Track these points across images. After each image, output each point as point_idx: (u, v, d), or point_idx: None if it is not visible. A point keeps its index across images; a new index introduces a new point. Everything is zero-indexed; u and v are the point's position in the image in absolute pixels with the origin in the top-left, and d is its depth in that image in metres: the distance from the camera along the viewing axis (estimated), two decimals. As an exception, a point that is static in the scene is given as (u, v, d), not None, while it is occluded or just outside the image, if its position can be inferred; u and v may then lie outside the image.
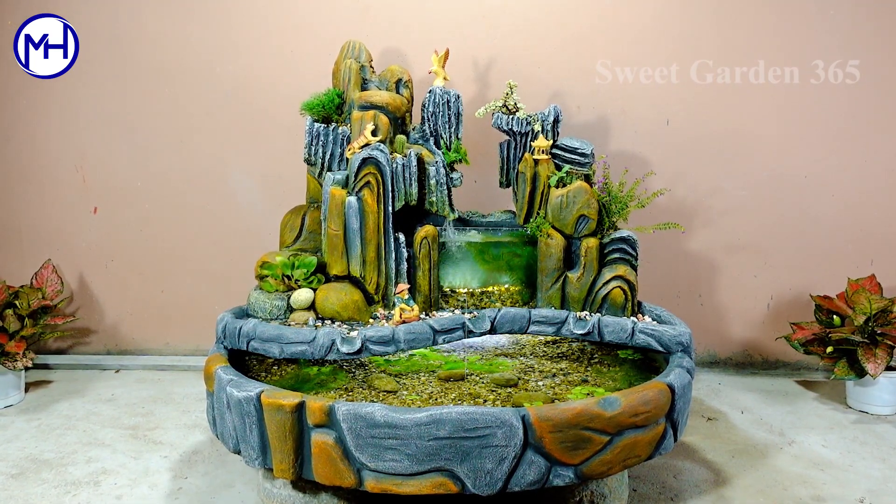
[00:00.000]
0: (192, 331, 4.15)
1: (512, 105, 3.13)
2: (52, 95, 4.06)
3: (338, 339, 2.54)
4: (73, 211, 4.17)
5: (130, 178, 4.12)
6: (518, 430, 2.05)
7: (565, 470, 2.12)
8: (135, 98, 4.06)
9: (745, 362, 4.04)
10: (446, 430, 2.03)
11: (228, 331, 2.69)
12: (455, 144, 3.13)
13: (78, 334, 4.26)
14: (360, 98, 3.04)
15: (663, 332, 2.67)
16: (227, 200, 4.10)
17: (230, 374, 2.37)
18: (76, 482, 2.78)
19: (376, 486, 2.10)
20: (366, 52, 3.26)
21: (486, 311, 2.89)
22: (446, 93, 3.11)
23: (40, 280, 3.94)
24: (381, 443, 2.06)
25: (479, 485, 2.07)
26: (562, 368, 2.80)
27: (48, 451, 3.05)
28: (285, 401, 2.16)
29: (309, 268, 2.86)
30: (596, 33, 3.86)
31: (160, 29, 3.99)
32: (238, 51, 3.98)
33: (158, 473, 2.86)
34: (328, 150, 3.05)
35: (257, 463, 2.27)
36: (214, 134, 4.06)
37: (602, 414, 2.12)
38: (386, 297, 2.92)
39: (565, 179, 3.01)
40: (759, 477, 2.80)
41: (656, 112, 3.87)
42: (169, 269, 4.17)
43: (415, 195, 2.96)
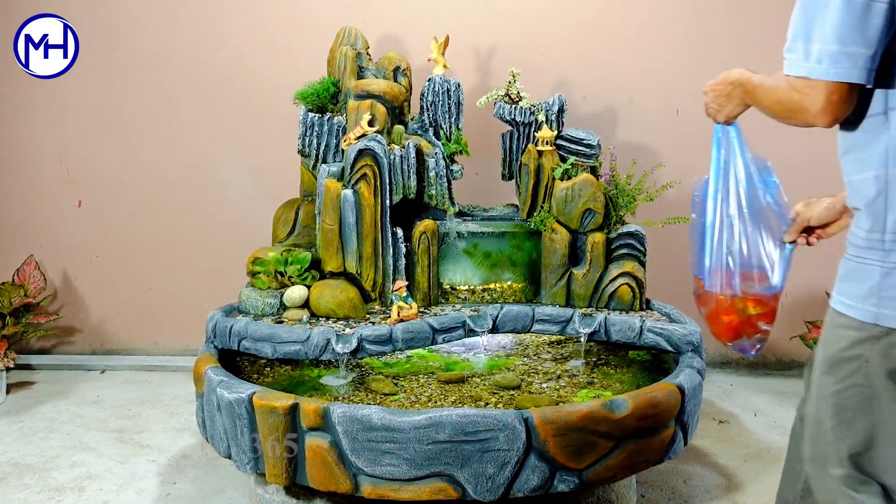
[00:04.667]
0: (181, 330, 4.14)
1: (515, 94, 3.12)
2: (38, 87, 4.05)
3: (333, 338, 2.54)
4: (56, 205, 4.16)
5: (117, 171, 4.12)
6: (521, 434, 2.05)
7: (570, 475, 2.12)
8: (121, 87, 4.05)
9: (757, 362, 4.04)
10: (446, 433, 2.03)
11: (219, 330, 2.68)
12: (455, 135, 3.13)
13: (62, 333, 4.26)
14: (356, 87, 3.03)
15: (673, 331, 2.66)
16: (218, 194, 4.09)
17: (221, 375, 2.37)
18: (60, 487, 2.78)
19: (373, 492, 2.10)
20: (362, 39, 3.25)
21: (488, 309, 2.88)
22: (446, 81, 3.11)
23: (22, 277, 3.93)
24: (379, 447, 2.06)
25: (480, 490, 2.06)
26: (567, 370, 2.80)
27: (31, 456, 3.04)
28: (278, 403, 2.15)
29: (303, 264, 2.85)
30: (602, 19, 3.85)
31: (147, 14, 3.98)
32: (229, 38, 3.97)
33: (146, 478, 2.85)
34: (323, 141, 3.05)
35: (249, 467, 2.27)
36: (205, 125, 4.05)
37: (609, 416, 2.12)
38: (383, 295, 2.92)
39: (570, 172, 3.01)
40: (773, 482, 2.79)
41: (665, 101, 3.86)
42: (157, 265, 4.17)
43: (413, 188, 2.96)
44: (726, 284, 1.80)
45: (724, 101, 1.75)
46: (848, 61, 1.31)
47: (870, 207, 1.40)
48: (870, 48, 1.31)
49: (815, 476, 1.50)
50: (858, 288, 1.39)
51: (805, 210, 1.80)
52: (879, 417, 1.38)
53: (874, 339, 1.36)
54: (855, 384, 1.39)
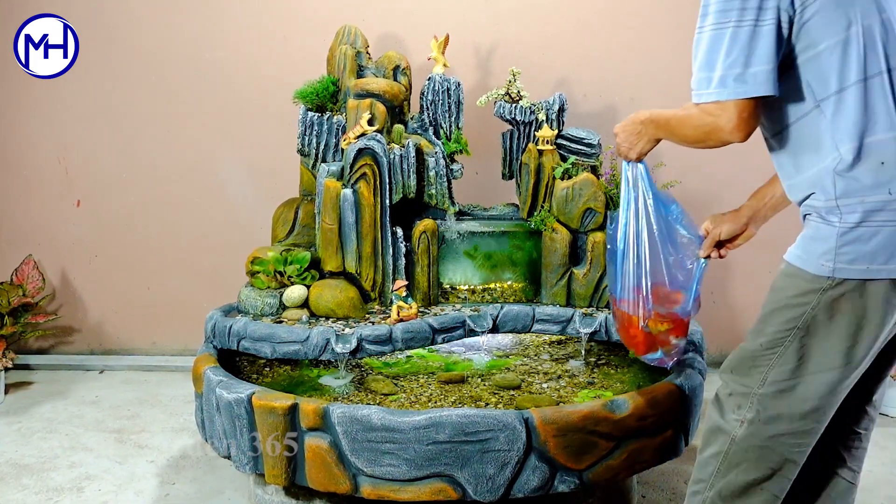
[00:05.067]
0: (180, 330, 4.14)
1: (515, 93, 3.12)
2: (36, 86, 4.05)
3: (332, 338, 2.54)
4: (55, 204, 4.16)
5: (115, 170, 4.11)
6: (521, 434, 2.05)
7: (570, 476, 2.12)
8: (119, 86, 4.05)
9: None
10: (446, 433, 2.03)
11: (218, 329, 2.69)
12: (455, 134, 3.13)
13: (60, 333, 4.26)
14: (355, 86, 3.03)
15: (674, 331, 2.66)
16: (217, 193, 4.09)
17: (220, 375, 2.37)
18: (58, 488, 2.78)
19: (373, 493, 2.10)
20: (362, 38, 3.25)
21: (488, 309, 2.88)
22: (446, 80, 3.11)
23: (21, 276, 3.93)
24: (378, 447, 2.06)
25: (480, 491, 2.07)
26: (567, 370, 2.80)
27: (29, 456, 3.05)
28: (277, 403, 2.16)
29: (302, 263, 2.86)
30: (603, 18, 3.85)
31: (147, 14, 3.98)
32: (228, 36, 3.97)
33: (145, 479, 2.86)
34: (322, 140, 3.05)
35: (248, 468, 2.27)
36: (204, 124, 4.05)
37: (610, 417, 2.12)
38: (383, 295, 2.92)
39: (571, 171, 3.01)
40: (773, 483, 2.80)
41: (666, 100, 3.81)
42: (156, 264, 4.17)
43: (413, 187, 2.96)
44: (637, 304, 2.02)
45: (635, 140, 2.03)
46: (751, 79, 1.51)
47: (825, 189, 1.56)
48: (768, 64, 1.51)
49: (728, 382, 1.72)
50: (818, 246, 1.56)
51: (714, 227, 2.02)
52: (808, 353, 1.59)
53: (822, 290, 1.55)
54: (795, 327, 1.59)
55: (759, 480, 1.67)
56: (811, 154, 1.58)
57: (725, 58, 1.53)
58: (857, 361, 1.59)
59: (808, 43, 1.54)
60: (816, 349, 1.59)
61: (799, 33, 1.54)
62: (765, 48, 1.52)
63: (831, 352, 1.58)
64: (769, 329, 1.63)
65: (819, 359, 1.59)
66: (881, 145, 1.50)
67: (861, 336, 1.56)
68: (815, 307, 1.56)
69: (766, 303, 1.66)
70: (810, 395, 1.60)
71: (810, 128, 1.57)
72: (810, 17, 1.53)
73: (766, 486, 1.67)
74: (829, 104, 1.54)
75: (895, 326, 1.60)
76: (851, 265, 1.52)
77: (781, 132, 1.63)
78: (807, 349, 1.59)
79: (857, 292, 1.53)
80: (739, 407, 1.67)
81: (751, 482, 1.68)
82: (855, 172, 1.51)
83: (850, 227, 1.52)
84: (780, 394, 1.62)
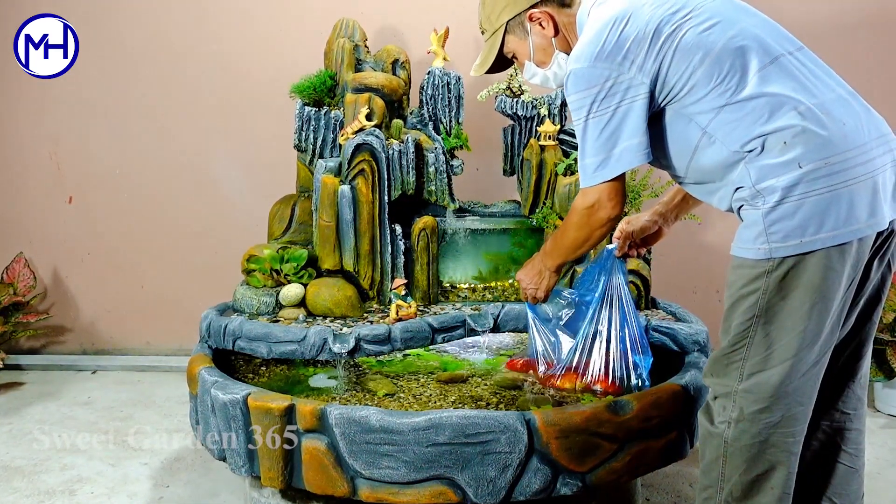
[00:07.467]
0: (175, 329, 4.14)
1: (517, 87, 3.11)
2: (28, 83, 4.05)
3: (330, 337, 2.54)
4: (46, 201, 4.15)
5: (108, 166, 4.11)
6: (522, 436, 2.04)
7: (573, 478, 2.11)
8: (111, 82, 4.04)
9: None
10: (446, 435, 2.02)
11: (213, 329, 2.68)
12: (456, 129, 3.12)
13: (52, 333, 4.25)
14: (353, 80, 3.02)
15: (678, 330, 2.66)
16: (212, 190, 4.09)
17: (215, 376, 2.37)
18: (50, 491, 2.77)
19: (371, 496, 2.09)
20: (360, 31, 3.24)
21: (489, 308, 2.88)
22: (446, 74, 3.10)
23: (11, 275, 3.93)
24: (377, 449, 2.06)
25: (480, 494, 2.06)
26: (570, 369, 2.79)
27: (20, 458, 3.04)
28: (273, 404, 2.15)
29: (299, 261, 2.85)
30: (607, 10, 3.84)
31: (144, 11, 3.98)
32: (223, 30, 3.96)
33: (138, 482, 2.85)
34: (320, 135, 3.04)
35: (244, 470, 2.26)
36: (198, 119, 4.05)
37: (613, 418, 2.11)
38: (381, 293, 2.91)
39: (574, 167, 3.00)
40: (780, 485, 2.79)
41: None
42: (149, 263, 4.16)
43: (412, 184, 2.95)
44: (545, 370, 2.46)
45: (538, 279, 2.26)
46: (627, 155, 1.73)
47: (743, 180, 1.68)
48: (637, 136, 1.72)
49: (712, 385, 1.80)
50: (750, 232, 1.65)
51: (627, 227, 2.21)
52: (773, 338, 1.66)
53: (767, 273, 1.63)
54: (754, 315, 1.66)
55: (762, 477, 1.71)
56: (720, 170, 1.72)
57: (593, 145, 1.76)
58: (823, 335, 1.65)
59: (669, 89, 1.71)
60: (780, 332, 1.65)
61: (662, 87, 1.71)
62: (635, 123, 1.71)
63: (794, 331, 1.64)
64: (733, 324, 1.70)
65: (785, 341, 1.65)
66: (776, 133, 1.61)
67: (817, 309, 1.62)
68: (766, 291, 1.63)
69: (725, 300, 1.74)
70: (786, 379, 1.65)
71: (708, 154, 1.71)
72: (667, 70, 1.69)
73: (771, 481, 1.70)
74: (714, 125, 1.68)
75: (849, 292, 1.66)
76: (785, 242, 1.60)
77: (687, 169, 1.79)
78: (771, 335, 1.66)
79: (799, 268, 1.60)
80: (724, 409, 1.73)
81: (754, 479, 1.71)
82: (762, 159, 1.62)
83: (773, 206, 1.60)
84: (758, 385, 1.68)
